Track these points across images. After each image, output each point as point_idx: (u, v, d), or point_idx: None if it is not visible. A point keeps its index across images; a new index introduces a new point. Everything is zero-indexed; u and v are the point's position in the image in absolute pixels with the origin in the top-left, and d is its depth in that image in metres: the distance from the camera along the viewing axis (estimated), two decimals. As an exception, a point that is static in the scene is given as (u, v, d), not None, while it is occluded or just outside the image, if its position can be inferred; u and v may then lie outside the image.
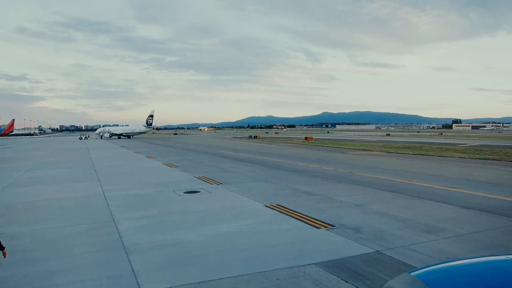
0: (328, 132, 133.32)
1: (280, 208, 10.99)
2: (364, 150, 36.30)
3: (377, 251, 7.20)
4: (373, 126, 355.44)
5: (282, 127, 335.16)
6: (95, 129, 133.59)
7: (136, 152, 38.22)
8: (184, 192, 14.12)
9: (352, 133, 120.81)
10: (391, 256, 6.89)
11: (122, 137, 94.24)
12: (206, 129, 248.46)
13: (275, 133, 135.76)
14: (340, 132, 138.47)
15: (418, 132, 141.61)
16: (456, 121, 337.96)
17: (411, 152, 32.84)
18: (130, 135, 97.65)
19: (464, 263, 2.75)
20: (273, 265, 6.52)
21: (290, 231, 8.71)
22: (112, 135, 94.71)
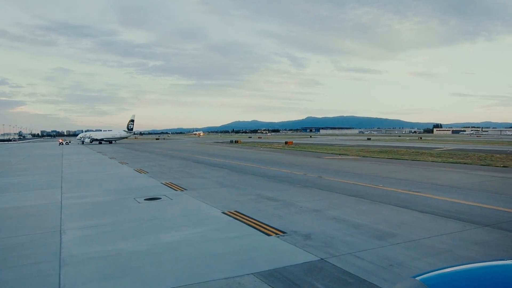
0: (311, 137, 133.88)
1: (237, 215, 10.72)
2: (340, 154, 36.36)
3: (322, 259, 6.98)
4: (356, 131, 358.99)
5: (266, 132, 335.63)
6: (77, 134, 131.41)
7: (111, 158, 37.49)
8: (145, 199, 13.73)
9: (334, 137, 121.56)
10: (333, 265, 6.67)
11: (103, 142, 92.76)
12: (201, 134, 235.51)
13: (258, 137, 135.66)
14: (323, 137, 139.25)
15: (399, 136, 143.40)
16: (437, 126, 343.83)
17: (387, 156, 33.03)
18: (112, 140, 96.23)
19: (469, 268, 2.66)
20: (210, 276, 6.23)
21: (239, 239, 8.44)
22: (92, 140, 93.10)
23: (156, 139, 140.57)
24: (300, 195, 13.78)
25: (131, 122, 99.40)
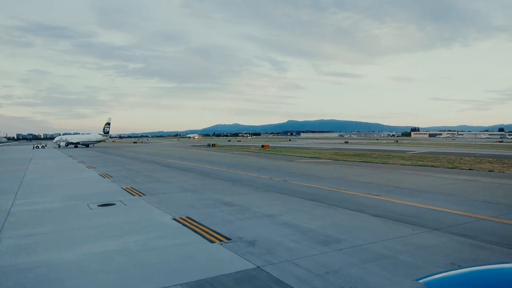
0: (290, 140, 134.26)
1: (187, 221, 10.37)
2: (312, 158, 36.36)
3: (258, 267, 6.72)
4: (336, 134, 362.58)
5: (248, 135, 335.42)
6: (54, 138, 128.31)
7: (80, 162, 36.50)
8: (98, 205, 13.23)
9: (313, 141, 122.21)
10: (268, 273, 6.41)
11: (79, 146, 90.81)
12: (197, 137, 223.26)
13: (238, 141, 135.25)
14: (302, 140, 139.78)
15: (377, 139, 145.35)
16: (415, 129, 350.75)
17: (358, 160, 33.19)
18: (88, 143, 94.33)
19: (472, 271, 2.73)
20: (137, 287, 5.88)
21: (180, 246, 8.10)
22: (68, 144, 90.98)
23: (134, 142, 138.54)
24: (259, 200, 13.53)
25: (107, 125, 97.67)
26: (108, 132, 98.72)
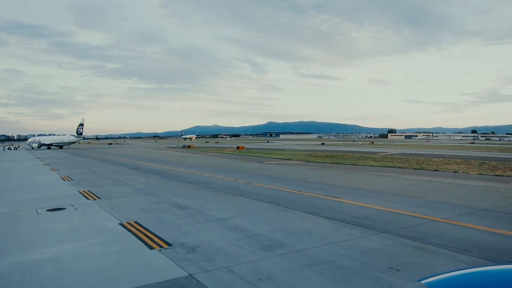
0: (268, 142, 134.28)
1: (133, 226, 9.96)
2: (283, 159, 36.25)
3: (190, 274, 6.40)
4: (315, 136, 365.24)
5: (227, 137, 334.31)
6: (28, 139, 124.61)
7: (45, 164, 35.37)
8: (47, 210, 12.63)
9: (290, 142, 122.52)
10: (199, 281, 6.10)
11: (52, 147, 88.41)
12: (194, 137, 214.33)
13: (216, 142, 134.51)
14: (280, 142, 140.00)
15: (354, 141, 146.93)
16: (392, 131, 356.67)
17: (330, 161, 33.26)
18: (62, 145, 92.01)
19: (476, 271, 2.71)
20: (49, 301, 5.47)
21: (116, 254, 7.70)
22: (41, 145, 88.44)
23: (109, 144, 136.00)
24: (216, 203, 13.20)
25: (80, 126, 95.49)
26: (81, 133, 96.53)
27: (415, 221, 10.23)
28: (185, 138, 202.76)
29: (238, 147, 62.20)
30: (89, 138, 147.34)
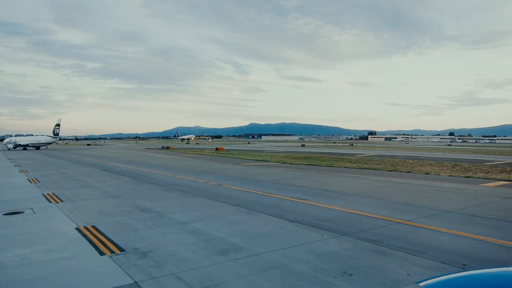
0: (249, 143, 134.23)
1: (89, 231, 9.60)
2: (260, 161, 36.12)
3: (135, 282, 6.13)
4: (297, 137, 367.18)
5: (209, 138, 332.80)
6: (4, 139, 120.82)
7: (16, 166, 34.24)
8: (4, 214, 12.10)
9: (270, 144, 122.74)
10: (142, 289, 5.84)
11: (28, 148, 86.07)
12: (194, 138, 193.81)
13: (197, 143, 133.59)
14: (261, 143, 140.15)
15: (334, 143, 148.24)
16: (372, 133, 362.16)
17: (306, 162, 33.28)
18: (38, 146, 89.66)
19: (474, 274, 2.69)
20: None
21: (63, 260, 7.34)
22: (16, 146, 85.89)
23: (88, 144, 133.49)
24: (181, 206, 12.91)
25: (57, 127, 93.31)
26: (58, 134, 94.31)
27: (378, 223, 10.19)
28: (182, 139, 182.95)
29: (217, 148, 61.86)
30: (67, 139, 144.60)
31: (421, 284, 2.52)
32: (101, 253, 7.71)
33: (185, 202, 13.69)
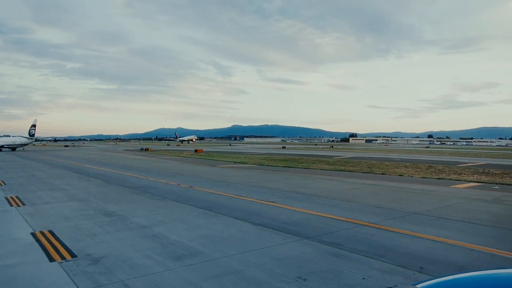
0: (230, 145, 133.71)
1: (44, 236, 9.22)
2: (237, 162, 35.90)
3: (79, 291, 5.85)
4: (279, 139, 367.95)
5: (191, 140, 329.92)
6: None
7: (-15, 168, 33.14)
8: (-44, 219, 11.56)
9: (251, 146, 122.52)
10: (85, 298, 5.57)
11: (4, 149, 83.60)
12: (195, 139, 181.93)
13: (177, 145, 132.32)
14: (243, 145, 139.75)
15: (316, 145, 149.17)
16: (353, 135, 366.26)
17: (283, 165, 33.21)
18: (14, 147, 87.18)
19: (471, 276, 2.70)
20: None
21: (11, 267, 6.98)
22: None
23: (65, 146, 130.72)
24: (146, 209, 12.59)
25: (32, 128, 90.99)
26: (34, 135, 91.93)
27: (343, 226, 10.12)
28: (181, 141, 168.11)
29: (196, 150, 61.33)
30: (45, 140, 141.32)
31: (419, 286, 2.55)
32: (51, 260, 7.38)
33: (152, 205, 13.37)
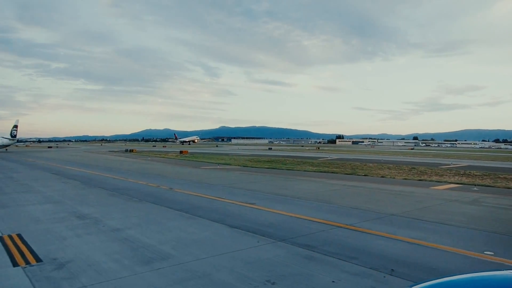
0: (217, 146, 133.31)
1: (12, 239, 8.92)
2: (221, 164, 35.69)
3: (39, 297, 5.63)
4: (266, 141, 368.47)
5: (177, 141, 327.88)
6: None
7: (-39, 170, 32.29)
8: None
9: (238, 147, 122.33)
10: (43, 305, 5.36)
11: None
12: (196, 140, 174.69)
13: (163, 146, 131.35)
14: (230, 146, 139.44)
15: (302, 146, 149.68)
16: (340, 137, 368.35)
17: (267, 166, 33.14)
18: None
19: (468, 277, 2.71)
20: None
21: (-32, 273, 6.73)
22: None
23: (49, 147, 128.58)
24: (121, 211, 12.34)
25: (14, 128, 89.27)
26: (15, 136, 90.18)
27: (319, 227, 10.05)
28: (182, 142, 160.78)
29: (181, 152, 60.89)
30: (29, 141, 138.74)
31: (416, 287, 2.57)
32: (15, 264, 7.12)
33: (128, 207, 13.12)
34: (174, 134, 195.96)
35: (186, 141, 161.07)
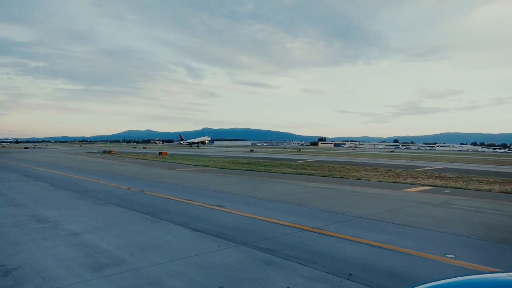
0: (198, 147, 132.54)
1: (-39, 245, 8.50)
2: (199, 166, 35.39)
3: (-27, 307, 5.30)
4: (249, 142, 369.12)
5: (159, 142, 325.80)
6: None
7: None
8: None
9: (219, 149, 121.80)
10: (-25, 316, 5.04)
11: None
12: (207, 141, 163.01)
13: (144, 147, 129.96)
14: (211, 148, 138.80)
15: (284, 148, 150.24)
16: (322, 139, 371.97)
17: (245, 168, 32.99)
18: None
19: (466, 280, 2.71)
20: None
21: None
22: None
23: (25, 148, 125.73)
24: (85, 215, 11.96)
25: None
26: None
27: (284, 231, 9.91)
28: (190, 144, 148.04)
29: (160, 153, 60.21)
30: (6, 141, 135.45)
31: None
32: (-44, 273, 6.73)
33: (92, 210, 12.74)
34: (180, 135, 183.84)
35: (194, 143, 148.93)
